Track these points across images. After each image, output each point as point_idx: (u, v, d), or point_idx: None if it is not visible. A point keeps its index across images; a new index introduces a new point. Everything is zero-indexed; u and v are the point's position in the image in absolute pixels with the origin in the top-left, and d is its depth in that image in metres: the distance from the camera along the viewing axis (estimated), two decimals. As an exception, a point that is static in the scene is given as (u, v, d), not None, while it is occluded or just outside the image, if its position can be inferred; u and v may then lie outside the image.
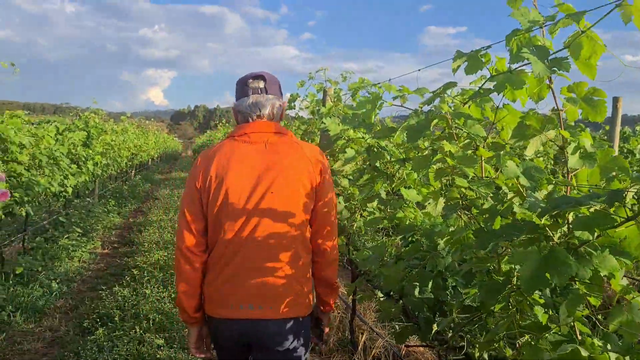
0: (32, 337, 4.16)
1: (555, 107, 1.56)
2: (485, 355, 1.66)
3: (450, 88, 1.87)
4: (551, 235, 1.40)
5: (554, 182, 1.48)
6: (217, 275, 1.89)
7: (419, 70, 2.34)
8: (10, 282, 5.18)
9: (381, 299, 2.58)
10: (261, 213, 1.85)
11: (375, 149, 2.54)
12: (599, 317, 1.44)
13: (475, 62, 1.69)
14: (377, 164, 2.57)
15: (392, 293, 2.47)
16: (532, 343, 1.42)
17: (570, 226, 1.39)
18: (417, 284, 2.00)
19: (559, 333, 1.42)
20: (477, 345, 1.62)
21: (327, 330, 2.15)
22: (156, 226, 8.55)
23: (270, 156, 1.90)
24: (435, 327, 1.72)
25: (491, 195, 1.62)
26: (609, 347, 1.31)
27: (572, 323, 1.38)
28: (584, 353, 1.25)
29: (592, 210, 1.30)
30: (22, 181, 5.25)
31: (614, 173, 1.45)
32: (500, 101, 1.76)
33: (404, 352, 3.42)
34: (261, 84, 1.99)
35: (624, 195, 1.11)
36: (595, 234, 1.32)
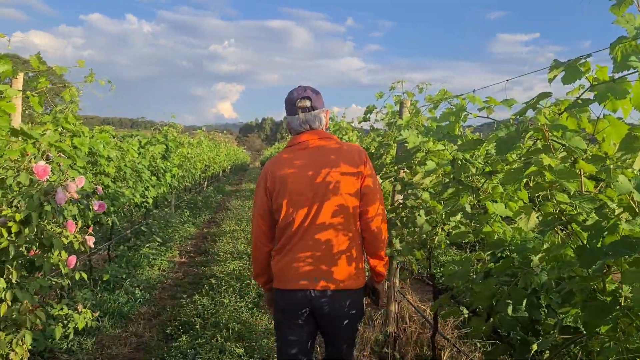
0: (119, 341, 4.35)
1: None
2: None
3: (544, 99, 1.80)
4: (665, 254, 1.32)
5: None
6: (283, 257, 2.25)
7: (507, 80, 2.28)
8: (98, 288, 5.47)
9: (466, 315, 2.51)
10: (318, 204, 2.20)
11: (459, 162, 2.48)
12: None
13: (574, 72, 1.62)
14: (462, 177, 2.51)
15: (478, 310, 2.40)
16: (647, 369, 1.33)
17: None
18: (510, 301, 1.93)
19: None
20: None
21: (383, 296, 2.47)
22: (229, 236, 8.78)
23: (320, 157, 2.26)
24: (535, 347, 1.65)
25: (595, 210, 1.54)
26: None
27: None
28: None
29: None
30: (109, 192, 5.55)
31: None
32: (601, 112, 1.68)
33: (487, 370, 3.30)
34: (307, 103, 2.32)
35: None
36: None
